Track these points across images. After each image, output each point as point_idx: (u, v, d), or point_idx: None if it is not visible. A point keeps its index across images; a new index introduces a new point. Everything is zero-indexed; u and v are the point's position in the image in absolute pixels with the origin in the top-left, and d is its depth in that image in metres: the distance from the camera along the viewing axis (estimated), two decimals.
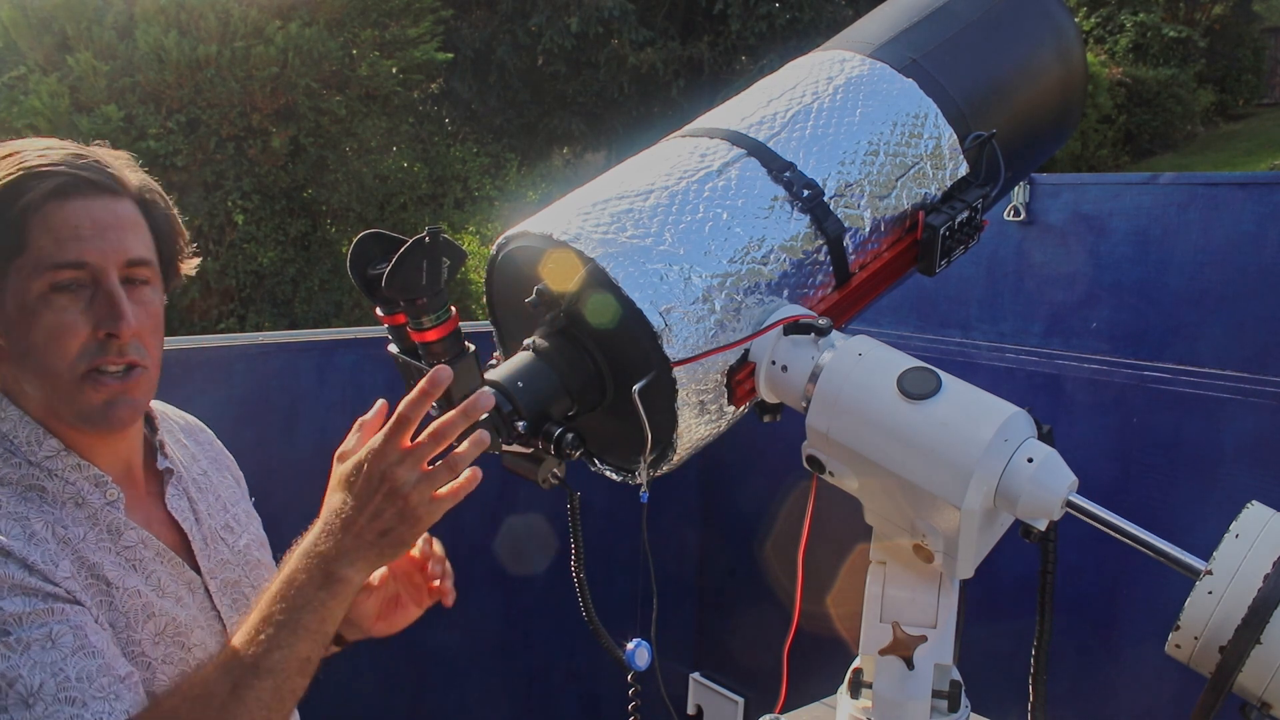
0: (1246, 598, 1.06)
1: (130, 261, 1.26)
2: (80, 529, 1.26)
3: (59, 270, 1.21)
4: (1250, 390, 2.43)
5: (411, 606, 1.48)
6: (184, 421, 1.58)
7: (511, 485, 3.05)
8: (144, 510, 1.38)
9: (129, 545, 1.30)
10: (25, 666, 1.11)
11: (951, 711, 1.34)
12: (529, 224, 1.36)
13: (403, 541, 1.16)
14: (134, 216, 1.29)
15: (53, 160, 1.24)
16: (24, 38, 7.53)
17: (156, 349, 1.31)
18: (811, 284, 1.40)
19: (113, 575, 1.25)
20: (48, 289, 1.21)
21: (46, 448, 1.27)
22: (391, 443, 1.14)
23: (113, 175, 1.28)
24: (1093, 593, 2.69)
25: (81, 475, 1.29)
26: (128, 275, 1.26)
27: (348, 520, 1.15)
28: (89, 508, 1.28)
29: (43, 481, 1.26)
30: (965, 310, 2.97)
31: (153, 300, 1.30)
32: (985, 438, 1.17)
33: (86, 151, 1.29)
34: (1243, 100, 17.09)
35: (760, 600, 3.43)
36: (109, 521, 1.29)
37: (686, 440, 1.32)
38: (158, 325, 1.31)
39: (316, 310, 8.38)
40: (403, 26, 9.03)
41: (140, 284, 1.28)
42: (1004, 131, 1.53)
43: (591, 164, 13.03)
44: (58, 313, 1.22)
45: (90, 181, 1.25)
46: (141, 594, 1.27)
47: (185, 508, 1.41)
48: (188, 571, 1.36)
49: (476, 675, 3.38)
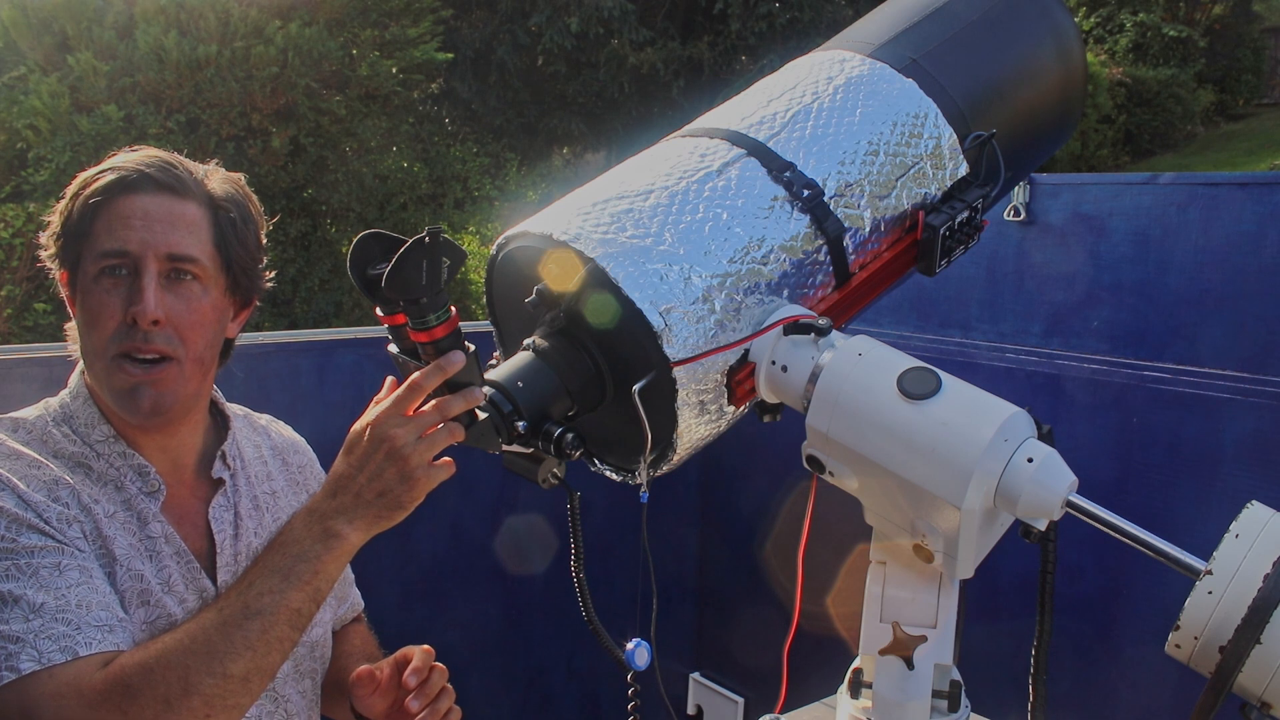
0: (1246, 598, 1.06)
1: (173, 256, 1.32)
2: (112, 506, 1.32)
3: (106, 256, 1.30)
4: (1250, 390, 2.43)
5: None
6: (282, 439, 1.62)
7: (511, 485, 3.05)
8: (184, 510, 1.40)
9: (152, 536, 1.34)
10: (31, 587, 1.18)
11: (951, 711, 1.34)
12: (529, 224, 1.36)
13: (399, 504, 1.21)
14: (194, 216, 1.35)
15: (131, 160, 1.35)
16: (24, 38, 7.54)
17: (198, 345, 1.35)
18: (811, 284, 1.40)
19: (120, 553, 1.29)
20: (98, 273, 1.31)
21: (99, 432, 1.35)
22: (399, 406, 1.19)
23: (180, 177, 1.35)
24: (1093, 593, 2.69)
25: (126, 463, 1.35)
26: (171, 269, 1.32)
27: (348, 478, 1.22)
28: (126, 493, 1.34)
29: (90, 462, 1.34)
30: (965, 310, 2.97)
31: (198, 297, 1.34)
32: (985, 438, 1.17)
33: (170, 158, 1.38)
34: (1243, 100, 17.08)
35: (760, 600, 3.43)
36: (140, 509, 1.34)
37: (686, 440, 1.32)
38: (202, 321, 1.35)
39: (316, 310, 8.38)
40: (403, 26, 9.03)
41: (186, 279, 1.33)
42: (1004, 131, 1.53)
43: (591, 164, 13.03)
44: (101, 295, 1.30)
45: (153, 179, 1.33)
46: (145, 579, 1.30)
47: (227, 520, 1.42)
48: (203, 580, 1.37)
49: (476, 675, 3.38)
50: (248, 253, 1.41)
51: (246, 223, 1.41)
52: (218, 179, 1.41)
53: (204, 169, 1.41)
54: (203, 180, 1.38)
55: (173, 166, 1.36)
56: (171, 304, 1.31)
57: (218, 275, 1.37)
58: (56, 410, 1.38)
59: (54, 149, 7.16)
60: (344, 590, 1.68)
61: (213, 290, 1.37)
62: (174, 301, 1.31)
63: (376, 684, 1.44)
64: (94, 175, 1.34)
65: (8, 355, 2.51)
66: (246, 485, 1.48)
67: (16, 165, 7.37)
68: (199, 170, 1.39)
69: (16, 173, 7.32)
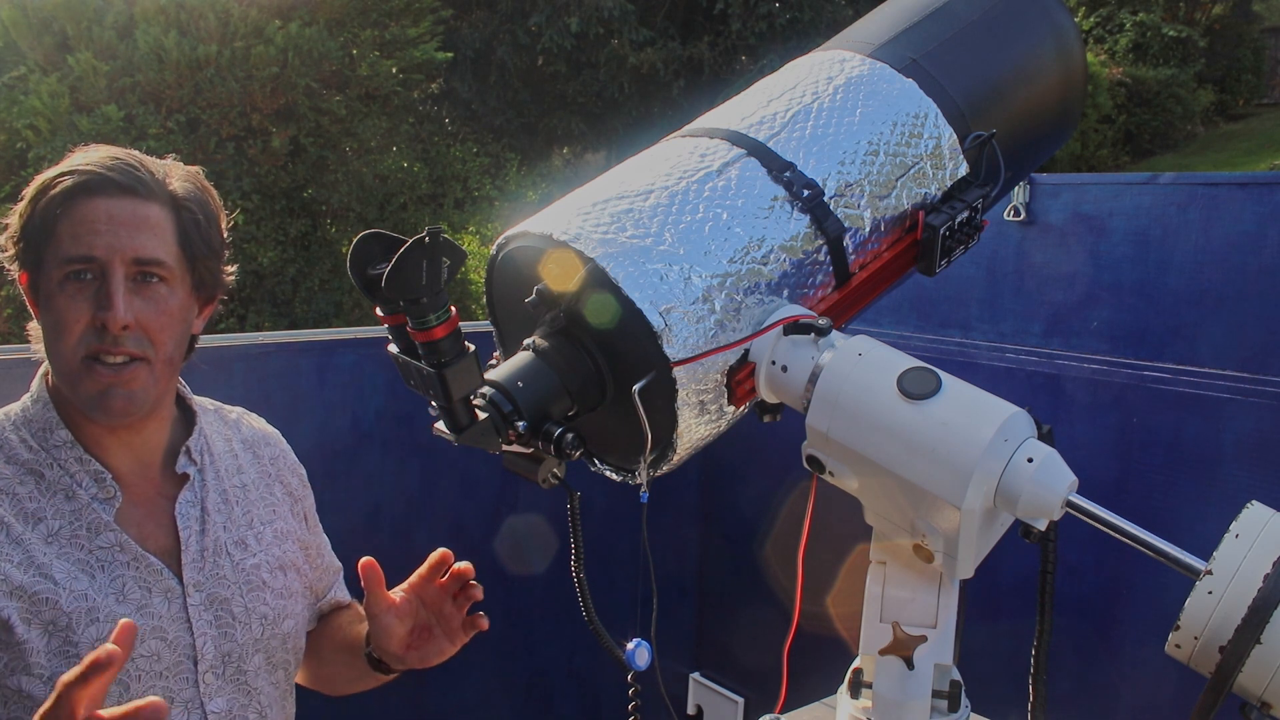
0: (1246, 598, 1.06)
1: (139, 259, 1.32)
2: (57, 522, 1.31)
3: (71, 262, 1.30)
4: (1250, 390, 2.43)
5: (444, 640, 1.46)
6: (253, 431, 1.60)
7: (511, 485, 3.05)
8: (148, 510, 1.40)
9: (103, 546, 1.33)
10: None
11: (951, 711, 1.34)
12: (529, 224, 1.36)
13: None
14: (158, 219, 1.34)
15: (91, 161, 1.33)
16: (24, 38, 7.53)
17: (165, 345, 1.35)
18: (811, 284, 1.40)
19: (61, 576, 1.29)
20: (63, 278, 1.30)
21: (57, 437, 1.35)
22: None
23: (140, 178, 1.34)
24: (1093, 593, 2.69)
25: (83, 468, 1.35)
26: (137, 272, 1.32)
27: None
28: (77, 501, 1.33)
29: (44, 468, 1.33)
30: (965, 310, 2.97)
31: (165, 298, 1.35)
32: (985, 438, 1.17)
33: (130, 157, 1.36)
34: (1243, 100, 17.08)
35: (760, 600, 3.43)
36: (90, 520, 1.33)
37: (686, 440, 1.32)
38: (170, 322, 1.35)
39: (316, 310, 8.37)
40: (403, 26, 9.03)
41: (152, 281, 1.33)
42: (1004, 131, 1.52)
43: (591, 164, 13.02)
44: (67, 300, 1.30)
45: (115, 182, 1.32)
46: (89, 598, 1.30)
47: (194, 516, 1.42)
48: (168, 580, 1.37)
49: (476, 675, 3.38)
50: (211, 251, 1.42)
51: (210, 221, 1.41)
52: (178, 176, 1.40)
53: (163, 166, 1.40)
54: (164, 180, 1.37)
55: (134, 168, 1.35)
56: (140, 307, 1.32)
57: (183, 275, 1.37)
58: (17, 414, 1.38)
59: (54, 149, 7.14)
60: (327, 580, 1.67)
61: (179, 290, 1.37)
62: (142, 305, 1.32)
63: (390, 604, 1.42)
64: (54, 178, 1.33)
65: (7, 355, 2.51)
66: (215, 479, 1.47)
67: (16, 165, 7.36)
68: (159, 169, 1.39)
69: (16, 173, 7.31)
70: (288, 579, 1.52)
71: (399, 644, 1.44)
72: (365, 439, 3.13)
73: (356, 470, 3.10)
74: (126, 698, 1.29)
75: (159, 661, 1.34)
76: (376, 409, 3.13)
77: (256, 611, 1.45)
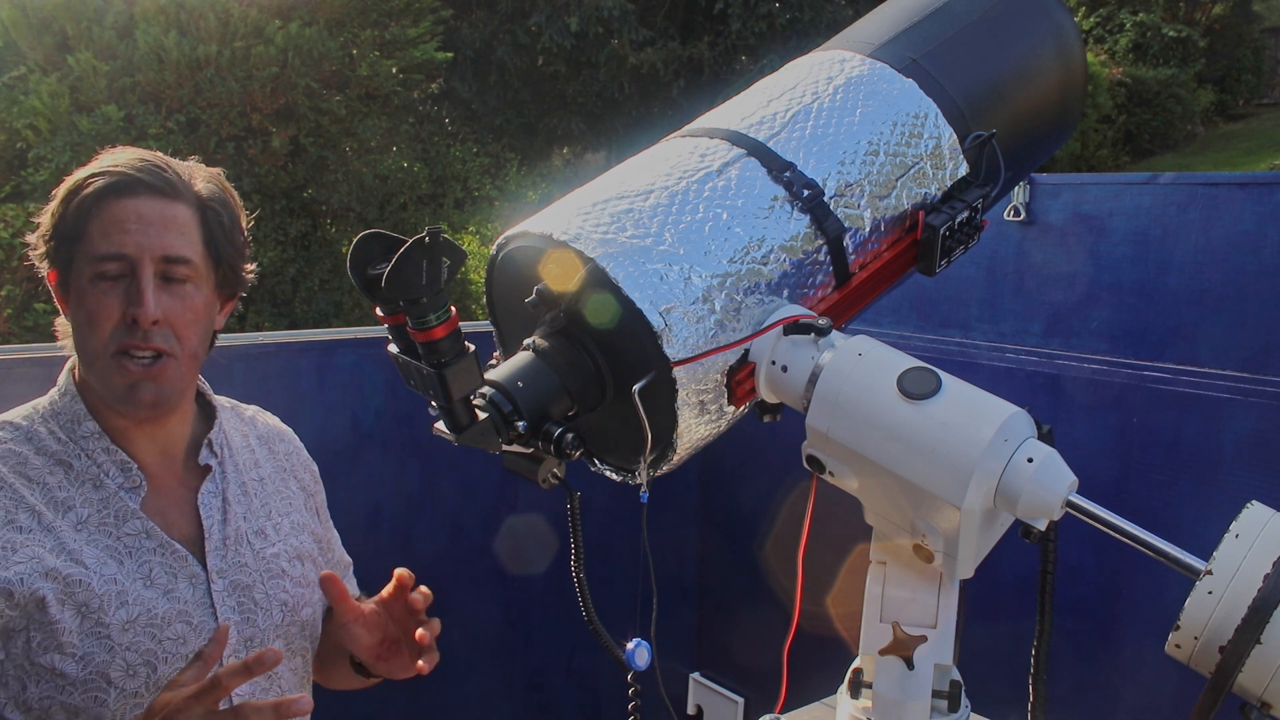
0: (1246, 598, 1.06)
1: (168, 258, 1.37)
2: (86, 510, 1.36)
3: (102, 261, 1.35)
4: (1250, 390, 2.43)
5: (408, 657, 1.48)
6: (268, 428, 1.66)
7: (511, 485, 3.05)
8: (172, 499, 1.45)
9: (130, 533, 1.38)
10: None
11: (951, 711, 1.34)
12: (529, 224, 1.36)
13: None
14: (185, 218, 1.40)
15: (120, 163, 1.39)
16: (24, 38, 7.53)
17: (192, 341, 1.40)
18: (811, 284, 1.40)
19: (91, 561, 1.33)
20: (94, 275, 1.35)
21: (84, 429, 1.40)
22: (199, 700, 1.17)
23: (169, 179, 1.39)
24: (1093, 593, 2.69)
25: (110, 459, 1.40)
26: (165, 271, 1.37)
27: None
28: (104, 490, 1.38)
29: (72, 459, 1.38)
30: (965, 310, 2.97)
31: (192, 296, 1.40)
32: (985, 438, 1.17)
33: (157, 159, 1.42)
34: (1243, 100, 17.07)
35: (760, 600, 3.43)
36: (117, 508, 1.38)
37: (686, 440, 1.32)
38: (196, 319, 1.41)
39: (316, 310, 8.37)
40: (403, 26, 9.02)
41: (180, 280, 1.38)
42: (1004, 131, 1.52)
43: (591, 164, 13.02)
44: (98, 297, 1.35)
45: (144, 183, 1.37)
46: (118, 582, 1.34)
47: (216, 506, 1.47)
48: (192, 566, 1.42)
49: (476, 675, 3.39)
50: (235, 249, 1.47)
51: (232, 221, 1.47)
52: (202, 177, 1.45)
53: (187, 168, 1.45)
54: (189, 181, 1.42)
55: (162, 170, 1.40)
56: (168, 304, 1.37)
57: (208, 273, 1.43)
58: (46, 408, 1.43)
59: (54, 149, 7.15)
60: (338, 573, 1.68)
61: (204, 288, 1.42)
62: (170, 301, 1.37)
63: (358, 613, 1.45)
64: (86, 178, 1.38)
65: (8, 355, 2.51)
66: (234, 471, 1.52)
67: (16, 165, 7.37)
68: (184, 170, 1.44)
69: (16, 173, 7.32)
70: (305, 569, 1.56)
71: (366, 653, 1.48)
72: (365, 439, 3.13)
73: (356, 470, 3.10)
74: (154, 679, 1.34)
75: (185, 645, 1.37)
76: (376, 409, 3.13)
77: (277, 598, 1.49)
